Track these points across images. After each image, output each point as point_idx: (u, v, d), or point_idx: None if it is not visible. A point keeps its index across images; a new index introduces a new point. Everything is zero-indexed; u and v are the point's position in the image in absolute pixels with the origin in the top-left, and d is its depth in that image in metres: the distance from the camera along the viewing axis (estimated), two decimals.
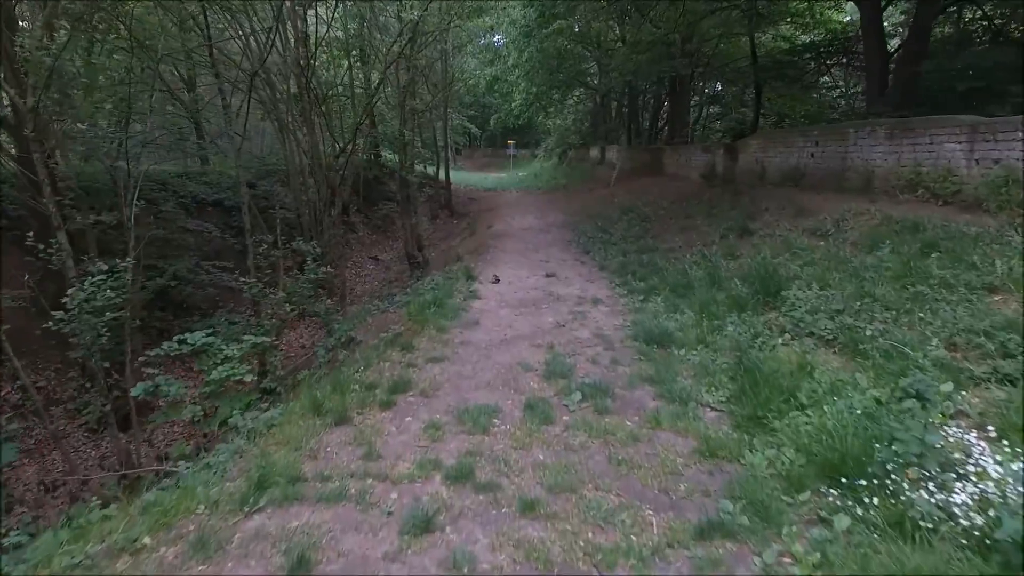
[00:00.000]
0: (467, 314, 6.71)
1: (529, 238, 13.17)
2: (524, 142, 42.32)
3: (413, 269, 14.35)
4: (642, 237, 11.07)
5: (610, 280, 8.38)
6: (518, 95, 27.83)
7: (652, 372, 4.80)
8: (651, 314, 6.34)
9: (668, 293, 6.97)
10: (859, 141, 9.00)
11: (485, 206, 21.97)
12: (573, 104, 33.10)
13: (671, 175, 17.88)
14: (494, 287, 8.19)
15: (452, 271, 9.54)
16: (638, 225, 12.31)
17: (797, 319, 5.16)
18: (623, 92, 27.99)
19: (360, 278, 15.57)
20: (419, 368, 5.10)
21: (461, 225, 19.73)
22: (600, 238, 11.86)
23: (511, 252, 11.31)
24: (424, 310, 6.70)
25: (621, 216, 13.83)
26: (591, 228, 13.30)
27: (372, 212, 19.89)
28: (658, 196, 14.93)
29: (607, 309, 6.79)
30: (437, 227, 21.26)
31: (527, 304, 7.15)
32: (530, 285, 8.25)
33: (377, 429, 3.99)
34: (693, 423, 3.91)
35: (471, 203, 24.16)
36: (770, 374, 4.22)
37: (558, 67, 23.21)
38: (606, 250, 10.61)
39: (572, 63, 24.30)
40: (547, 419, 4.05)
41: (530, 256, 10.74)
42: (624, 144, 26.08)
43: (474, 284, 8.35)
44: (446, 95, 21.67)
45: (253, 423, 4.31)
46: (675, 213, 12.19)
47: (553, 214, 17.03)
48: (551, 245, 11.99)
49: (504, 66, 27.25)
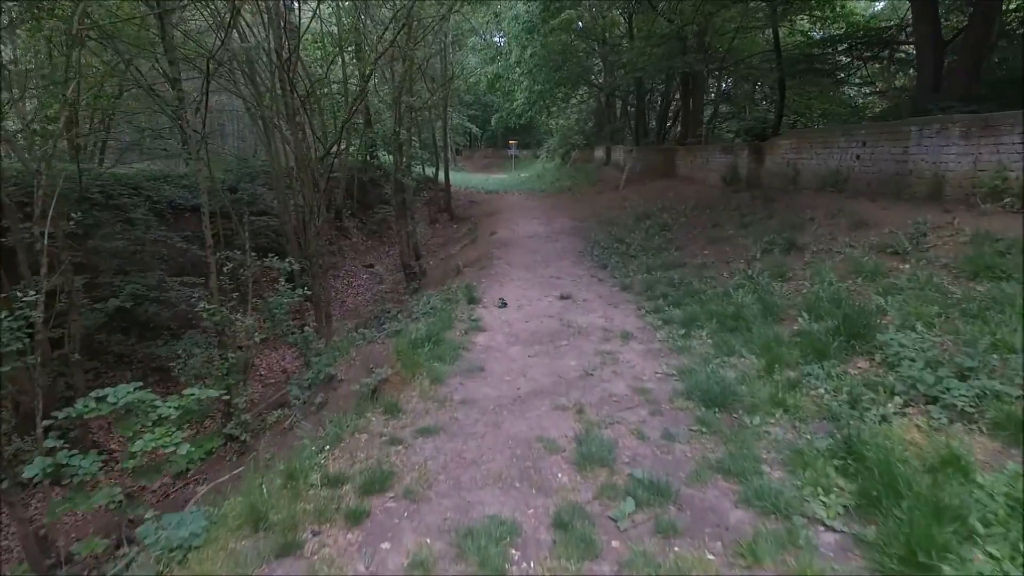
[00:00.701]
0: (469, 354, 5.37)
1: (536, 247, 11.82)
2: (526, 143, 40.95)
3: (409, 280, 13.01)
4: (665, 249, 9.73)
5: (637, 304, 7.03)
6: (520, 94, 26.50)
7: (722, 455, 3.46)
8: (699, 357, 4.99)
9: (714, 326, 5.62)
10: (924, 141, 7.64)
11: (487, 209, 20.61)
12: (576, 103, 31.75)
13: (685, 178, 16.54)
14: (500, 313, 6.85)
15: (452, 291, 8.19)
16: (658, 234, 10.96)
17: (909, 377, 3.81)
18: (630, 90, 26.67)
19: (352, 288, 14.22)
20: (406, 445, 3.75)
21: (462, 230, 18.38)
22: (616, 249, 10.51)
23: (517, 265, 9.96)
24: (416, 348, 5.34)
25: (637, 223, 12.48)
26: (604, 237, 11.95)
27: (367, 216, 18.55)
28: (674, 201, 13.58)
29: (642, 348, 5.44)
30: (436, 232, 19.91)
31: (542, 338, 5.80)
32: (543, 310, 6.90)
33: (339, 569, 2.64)
34: (809, 558, 2.58)
35: (472, 206, 22.80)
36: (905, 473, 2.89)
37: (562, 64, 21.83)
38: (625, 264, 9.27)
39: (576, 61, 22.89)
40: (589, 548, 2.71)
41: (539, 271, 9.40)
42: (631, 144, 24.73)
43: (477, 309, 7.01)
44: (446, 92, 20.31)
45: (167, 541, 2.97)
46: (699, 221, 10.84)
47: (560, 219, 15.68)
48: (561, 256, 10.64)
49: (506, 63, 25.93)
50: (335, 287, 14.08)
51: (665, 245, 9.94)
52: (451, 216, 21.09)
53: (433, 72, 20.59)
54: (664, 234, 10.82)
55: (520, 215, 17.40)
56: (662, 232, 11.05)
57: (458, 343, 5.56)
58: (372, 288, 14.33)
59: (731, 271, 7.47)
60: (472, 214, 20.90)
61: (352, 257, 16.07)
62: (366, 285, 14.58)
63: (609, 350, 5.35)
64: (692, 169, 16.22)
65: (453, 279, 10.24)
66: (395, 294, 13.47)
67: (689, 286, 7.26)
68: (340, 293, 13.82)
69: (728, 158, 13.77)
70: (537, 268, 9.64)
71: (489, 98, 33.93)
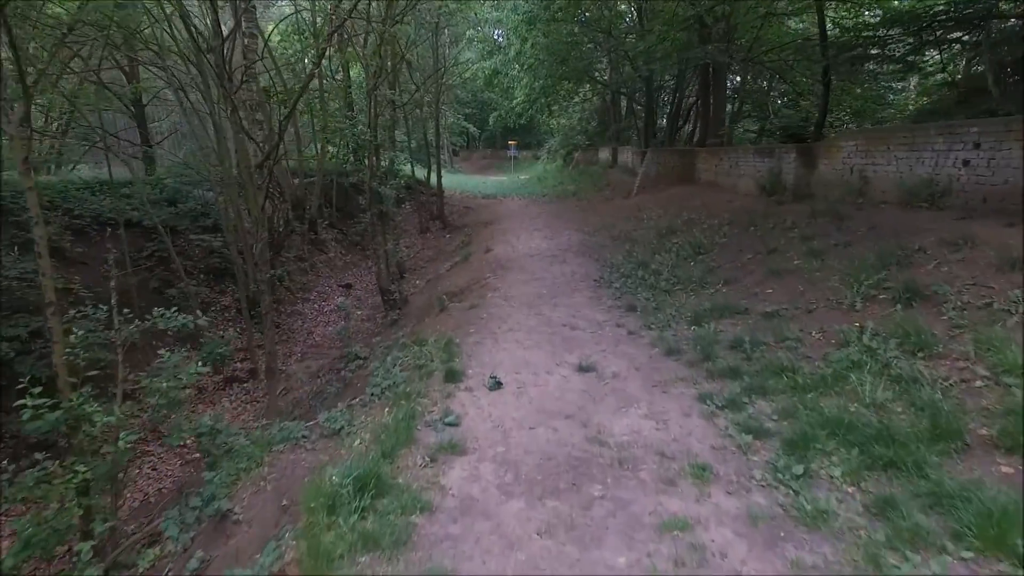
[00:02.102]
0: (428, 528, 2.92)
1: (540, 272, 9.38)
2: (526, 143, 38.44)
3: (388, 308, 10.57)
4: (708, 282, 7.29)
5: (695, 384, 4.59)
6: (520, 91, 24.02)
7: None
8: (855, 545, 2.58)
9: (853, 458, 3.20)
10: None
11: (483, 217, 18.17)
12: (579, 101, 29.23)
13: (707, 184, 14.09)
14: (491, 402, 4.42)
15: (428, 349, 5.73)
16: (692, 258, 8.52)
17: None
18: (637, 87, 24.16)
19: (323, 316, 11.78)
20: None
21: (455, 242, 15.93)
22: (642, 279, 8.07)
23: (517, 301, 7.53)
24: (335, 513, 2.92)
25: (660, 241, 10.04)
26: (623, 258, 9.52)
27: (349, 227, 16.08)
28: (702, 213, 11.14)
29: (736, 507, 3.00)
30: (427, 242, 17.46)
31: (558, 479, 3.35)
32: (555, 397, 4.46)
33: None
34: None
35: (467, 213, 20.35)
36: None
37: (567, 56, 19.30)
38: (660, 305, 6.82)
39: (580, 54, 20.34)
40: None
41: (545, 311, 6.96)
42: (639, 145, 22.27)
43: (456, 394, 4.58)
44: (437, 87, 17.83)
45: None
46: (743, 242, 8.39)
47: (566, 231, 13.24)
48: (572, 288, 8.20)
49: (504, 58, 23.43)
50: (303, 313, 11.65)
51: (706, 276, 7.50)
52: (444, 224, 18.64)
53: (424, 66, 18.11)
54: (701, 259, 8.37)
55: (520, 225, 14.96)
56: (697, 256, 8.61)
57: (414, 495, 3.11)
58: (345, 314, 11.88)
59: (823, 328, 5.04)
60: (467, 222, 18.45)
61: (327, 275, 13.63)
62: (340, 311, 12.14)
63: (680, 516, 2.91)
64: (716, 174, 13.77)
65: (435, 318, 7.81)
66: (372, 323, 11.03)
67: (766, 353, 4.84)
68: (309, 321, 11.39)
69: (765, 162, 11.32)
70: (542, 307, 7.20)
71: (486, 95, 31.39)
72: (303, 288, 12.46)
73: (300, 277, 12.74)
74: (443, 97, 21.71)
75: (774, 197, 10.44)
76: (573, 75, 20.23)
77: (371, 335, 10.31)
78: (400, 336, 7.96)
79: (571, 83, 23.42)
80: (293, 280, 12.33)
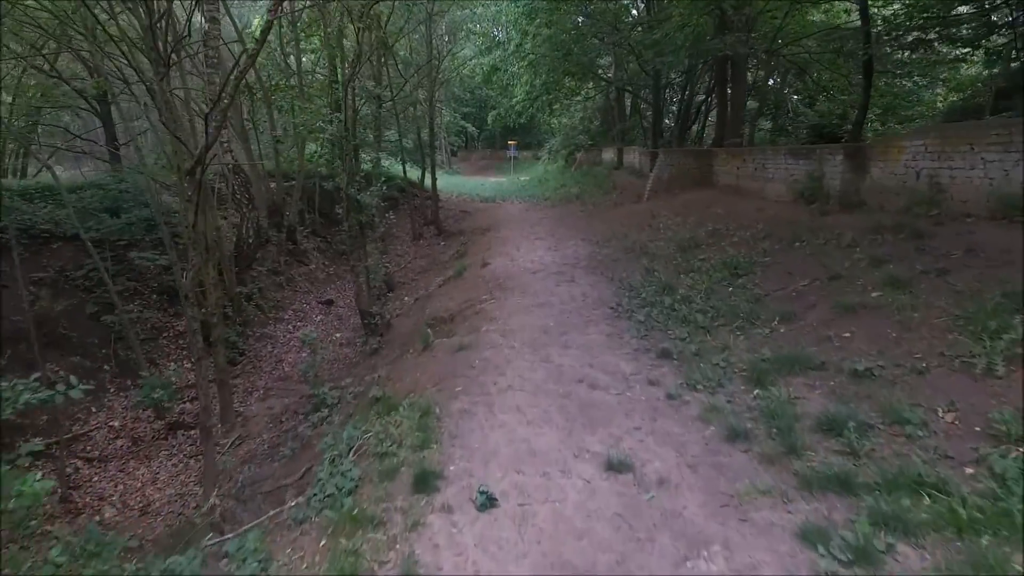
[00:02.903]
0: None
1: (545, 294, 7.82)
2: (526, 143, 36.82)
3: (369, 333, 9.01)
4: (757, 316, 5.71)
5: (791, 509, 3.00)
6: (520, 88, 22.45)
7: None
8: None
9: None
10: None
11: (481, 223, 16.60)
12: (581, 100, 27.63)
13: (729, 189, 12.52)
14: (478, 545, 2.82)
15: (391, 441, 4.10)
16: (728, 281, 6.94)
17: None
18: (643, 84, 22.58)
19: (297, 339, 10.20)
20: None
21: (449, 251, 14.36)
22: (670, 308, 6.49)
23: (518, 341, 5.95)
24: None
25: (684, 256, 8.49)
26: (642, 278, 7.95)
27: (333, 235, 14.49)
28: (728, 222, 9.58)
29: None
30: (420, 250, 15.89)
31: None
32: (575, 547, 2.80)
33: None
34: None
35: (464, 218, 18.77)
36: None
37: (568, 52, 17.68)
38: (702, 351, 5.21)
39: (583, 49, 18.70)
40: None
41: (555, 358, 5.38)
42: (645, 145, 20.69)
43: (428, 518, 3.01)
44: (431, 82, 16.24)
45: None
46: (794, 263, 6.81)
47: (572, 241, 11.67)
48: (586, 318, 6.62)
49: (504, 54, 21.84)
50: (273, 337, 10.08)
51: (754, 308, 5.93)
52: (439, 230, 17.06)
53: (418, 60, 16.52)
54: (740, 283, 6.80)
55: (520, 233, 13.39)
56: (734, 278, 7.03)
57: None
58: (324, 337, 10.30)
59: (953, 404, 3.48)
60: (463, 228, 16.88)
61: (307, 290, 12.05)
62: (317, 332, 10.56)
63: None
64: (738, 178, 12.19)
65: (417, 358, 6.25)
66: (352, 349, 9.47)
67: (879, 446, 3.29)
68: (280, 346, 9.82)
69: (800, 164, 9.75)
70: (550, 348, 5.63)
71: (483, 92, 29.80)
72: (277, 306, 10.89)
73: (274, 293, 11.17)
74: (438, 93, 20.13)
75: (814, 205, 8.86)
76: (577, 70, 18.61)
77: (348, 365, 8.75)
78: (375, 379, 6.39)
79: (574, 80, 21.82)
80: (265, 297, 10.76)
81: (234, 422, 7.29)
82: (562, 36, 16.86)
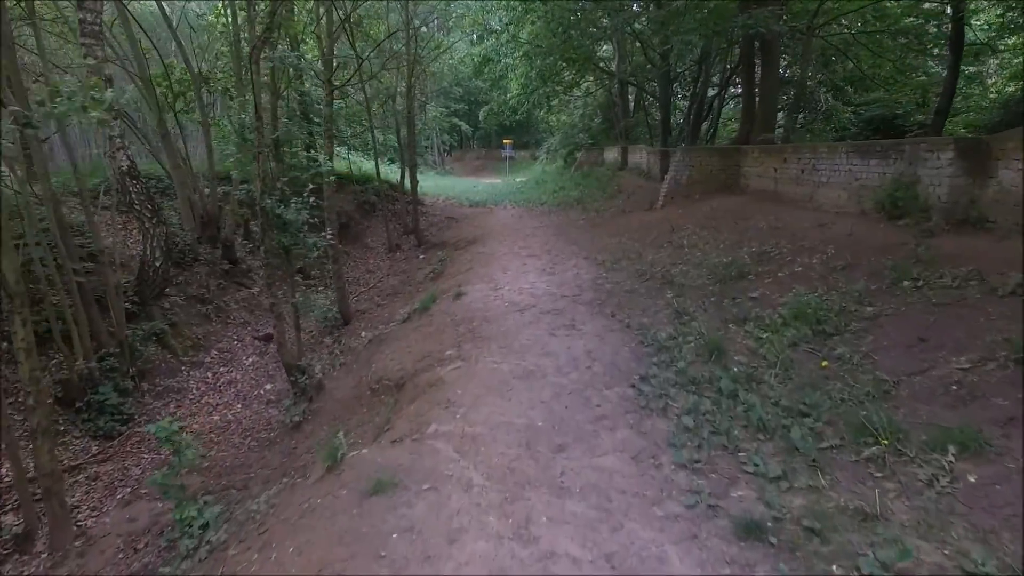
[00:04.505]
0: None
1: (533, 354, 5.26)
2: (523, 142, 34.27)
3: (296, 396, 6.47)
4: (903, 435, 3.17)
5: None
6: (515, 80, 19.90)
7: None
8: None
9: None
10: None
11: (467, 233, 14.04)
12: (581, 96, 25.02)
13: (762, 194, 9.96)
14: None
15: None
16: (819, 349, 4.39)
17: None
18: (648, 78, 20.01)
19: (215, 391, 7.64)
20: None
21: (427, 268, 11.80)
22: (730, 396, 3.94)
23: (481, 459, 3.41)
24: None
25: (726, 292, 5.96)
26: (673, 327, 5.42)
27: None
28: (780, 243, 7.03)
29: None
30: (395, 265, 13.33)
31: None
32: None
33: None
34: None
35: (450, 225, 16.22)
36: None
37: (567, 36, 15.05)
38: (821, 514, 2.67)
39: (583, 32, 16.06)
40: None
41: (535, 503, 2.85)
42: (652, 144, 18.12)
43: None
44: (410, 70, 13.65)
45: None
46: (926, 321, 4.26)
47: (572, 260, 9.13)
48: (595, 412, 4.05)
49: (496, 42, 19.26)
50: (183, 389, 7.54)
51: (882, 409, 3.37)
52: (419, 241, 14.50)
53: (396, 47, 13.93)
54: (841, 354, 4.22)
55: (510, 248, 10.84)
56: (821, 338, 4.48)
57: None
58: (249, 391, 7.74)
59: None
60: (447, 239, 14.32)
61: (243, 320, 9.49)
62: (243, 381, 8.00)
63: None
64: (778, 182, 9.63)
65: (308, 496, 3.69)
66: (278, 410, 6.92)
67: None
68: (188, 403, 7.26)
69: (873, 166, 7.19)
70: (536, 492, 3.08)
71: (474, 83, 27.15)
72: (196, 345, 8.34)
73: (196, 327, 8.63)
74: (421, 85, 17.56)
75: (906, 221, 6.31)
76: (577, 56, 15.99)
77: (262, 443, 6.20)
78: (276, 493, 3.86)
79: (573, 69, 19.22)
80: (181, 334, 8.22)
81: (69, 547, 4.77)
82: (562, 12, 14.25)
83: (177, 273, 9.06)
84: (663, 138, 16.41)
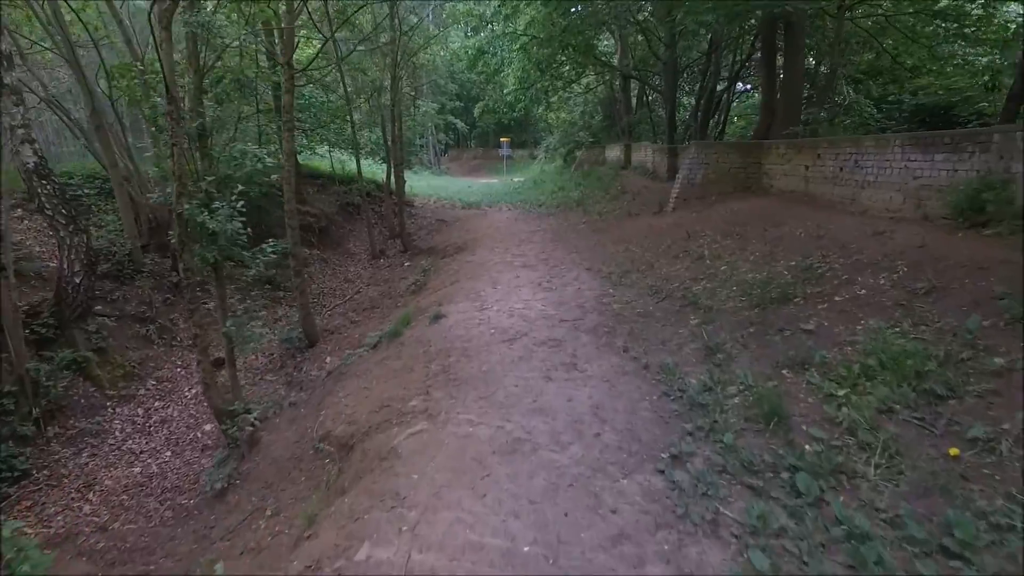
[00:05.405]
0: None
1: (521, 411, 3.88)
2: (521, 141, 32.86)
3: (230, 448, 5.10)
4: None
5: None
6: (512, 75, 18.47)
7: None
8: None
9: None
10: None
11: (458, 238, 12.66)
12: (581, 92, 23.61)
13: (791, 196, 8.57)
14: None
15: None
16: (928, 420, 3.00)
17: None
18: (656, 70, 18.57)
19: (145, 430, 6.26)
20: None
21: (410, 278, 10.41)
22: (813, 505, 2.57)
23: None
24: None
25: (770, 321, 4.58)
26: (705, 371, 4.03)
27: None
28: (829, 256, 5.63)
29: None
30: (377, 273, 11.93)
31: None
32: None
33: None
34: None
35: (441, 229, 14.83)
36: None
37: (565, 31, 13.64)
38: None
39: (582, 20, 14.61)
40: None
41: None
42: (657, 141, 16.72)
43: None
44: (395, 60, 12.26)
45: None
46: None
47: (573, 272, 7.75)
48: (607, 521, 2.70)
49: (491, 35, 17.88)
50: (107, 431, 6.17)
51: None
52: (405, 246, 13.11)
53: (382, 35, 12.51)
54: (957, 430, 2.85)
55: (503, 257, 9.46)
56: (930, 402, 3.10)
57: None
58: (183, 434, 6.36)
59: None
60: (435, 244, 12.94)
61: (191, 343, 8.11)
62: (180, 420, 6.62)
63: None
64: (809, 181, 8.24)
65: None
66: (209, 459, 5.53)
67: None
68: (108, 450, 5.90)
69: (938, 162, 5.81)
70: None
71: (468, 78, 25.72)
72: (130, 374, 6.96)
73: (133, 351, 7.25)
74: (409, 78, 16.17)
75: (995, 229, 4.92)
76: (578, 44, 14.56)
77: (180, 514, 4.82)
78: None
79: (572, 66, 17.81)
80: (110, 362, 6.84)
81: None
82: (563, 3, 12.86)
83: (113, 288, 7.68)
84: (669, 135, 15.00)
